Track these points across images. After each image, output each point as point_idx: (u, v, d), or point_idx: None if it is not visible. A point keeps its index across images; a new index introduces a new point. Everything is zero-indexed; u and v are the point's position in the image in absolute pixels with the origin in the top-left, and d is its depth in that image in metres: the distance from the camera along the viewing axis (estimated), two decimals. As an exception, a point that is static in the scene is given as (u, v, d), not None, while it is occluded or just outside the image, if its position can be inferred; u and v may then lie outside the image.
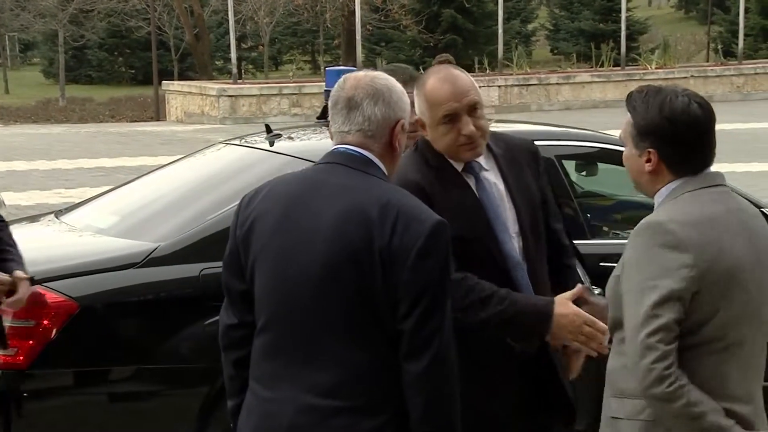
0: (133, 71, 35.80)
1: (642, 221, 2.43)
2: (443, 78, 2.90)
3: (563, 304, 2.83)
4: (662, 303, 2.30)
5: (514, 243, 2.92)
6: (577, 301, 2.86)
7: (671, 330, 2.30)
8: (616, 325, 2.47)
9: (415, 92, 2.95)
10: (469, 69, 25.21)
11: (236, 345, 2.50)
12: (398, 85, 2.47)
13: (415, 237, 2.29)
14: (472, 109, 2.87)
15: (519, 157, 3.01)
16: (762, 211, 3.18)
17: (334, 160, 2.43)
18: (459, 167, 2.94)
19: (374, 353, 2.32)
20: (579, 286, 2.91)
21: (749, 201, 4.64)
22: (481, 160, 2.95)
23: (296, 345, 2.36)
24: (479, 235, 2.89)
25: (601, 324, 2.76)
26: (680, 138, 2.41)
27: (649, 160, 2.44)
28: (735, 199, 2.51)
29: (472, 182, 2.93)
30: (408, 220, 2.30)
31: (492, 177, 2.95)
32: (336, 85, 2.48)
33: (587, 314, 2.81)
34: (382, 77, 2.46)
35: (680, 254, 2.32)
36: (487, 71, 23.30)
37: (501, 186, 2.94)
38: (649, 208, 5.76)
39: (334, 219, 2.32)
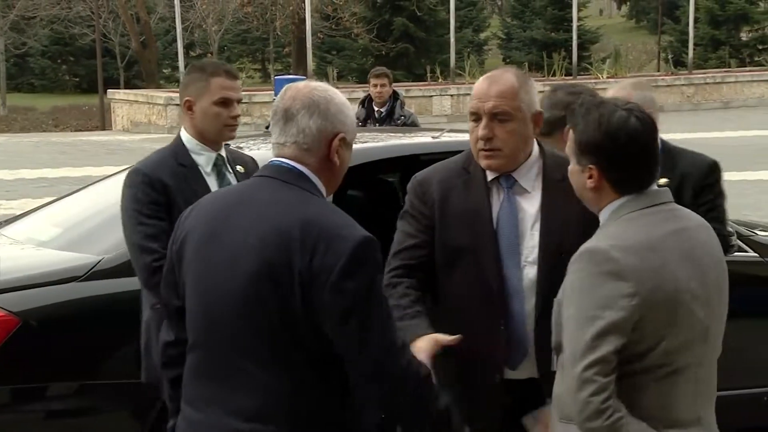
0: (77, 79, 35.37)
1: (583, 246, 2.37)
2: (489, 76, 2.86)
3: (426, 339, 2.68)
4: (602, 335, 2.26)
5: (523, 270, 2.82)
6: None
7: (610, 362, 2.26)
8: (559, 350, 2.43)
9: None
10: (422, 78, 25.31)
11: (173, 363, 2.47)
12: (339, 97, 2.37)
13: (336, 256, 2.18)
14: (495, 116, 2.79)
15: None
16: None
17: (265, 173, 2.37)
18: (492, 176, 2.87)
19: (297, 377, 2.24)
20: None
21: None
22: (525, 179, 2.86)
23: (219, 367, 2.30)
24: (474, 248, 2.79)
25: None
26: (620, 154, 2.35)
27: (590, 177, 2.39)
28: (680, 217, 2.43)
29: (500, 195, 2.86)
30: (330, 238, 2.20)
31: (526, 199, 2.85)
32: (278, 96, 2.42)
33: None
34: (322, 88, 2.37)
35: (621, 283, 2.27)
36: (440, 80, 23.22)
37: (533, 211, 2.83)
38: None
39: (256, 237, 2.25)
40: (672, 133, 17.31)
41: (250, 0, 28.65)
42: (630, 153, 2.34)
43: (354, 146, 2.44)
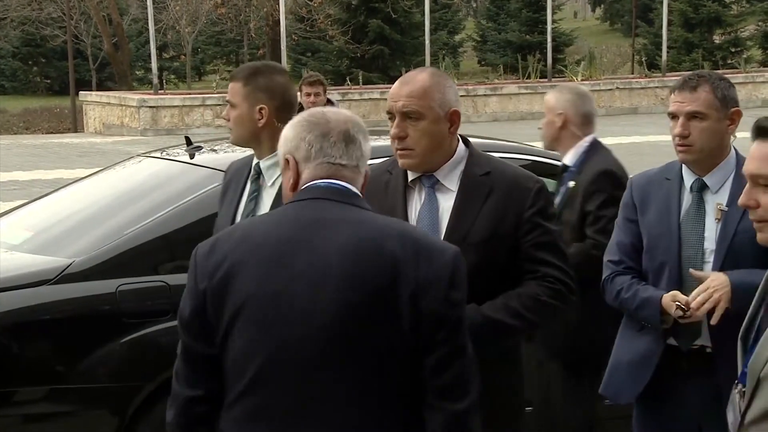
0: (48, 81, 35.12)
1: None
2: (404, 77, 2.90)
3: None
4: None
5: None
6: None
7: None
8: None
9: None
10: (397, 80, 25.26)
11: (201, 421, 2.22)
12: None
13: (441, 268, 2.18)
14: (407, 116, 2.82)
15: (499, 187, 2.87)
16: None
17: (315, 195, 2.24)
18: (414, 175, 2.92)
19: (388, 410, 2.15)
20: None
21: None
22: (448, 179, 2.89)
23: (292, 405, 2.14)
24: None
25: None
26: None
27: None
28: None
29: (421, 195, 2.91)
30: (428, 250, 2.19)
31: (447, 196, 2.89)
32: (312, 117, 2.32)
33: None
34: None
35: None
36: (415, 82, 23.12)
37: (448, 207, 2.88)
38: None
39: (344, 258, 2.14)
40: (648, 135, 17.38)
41: (223, 1, 28.49)
42: None
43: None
